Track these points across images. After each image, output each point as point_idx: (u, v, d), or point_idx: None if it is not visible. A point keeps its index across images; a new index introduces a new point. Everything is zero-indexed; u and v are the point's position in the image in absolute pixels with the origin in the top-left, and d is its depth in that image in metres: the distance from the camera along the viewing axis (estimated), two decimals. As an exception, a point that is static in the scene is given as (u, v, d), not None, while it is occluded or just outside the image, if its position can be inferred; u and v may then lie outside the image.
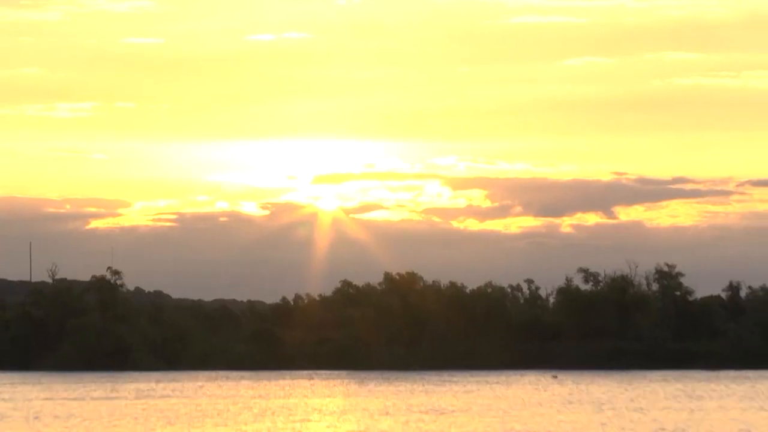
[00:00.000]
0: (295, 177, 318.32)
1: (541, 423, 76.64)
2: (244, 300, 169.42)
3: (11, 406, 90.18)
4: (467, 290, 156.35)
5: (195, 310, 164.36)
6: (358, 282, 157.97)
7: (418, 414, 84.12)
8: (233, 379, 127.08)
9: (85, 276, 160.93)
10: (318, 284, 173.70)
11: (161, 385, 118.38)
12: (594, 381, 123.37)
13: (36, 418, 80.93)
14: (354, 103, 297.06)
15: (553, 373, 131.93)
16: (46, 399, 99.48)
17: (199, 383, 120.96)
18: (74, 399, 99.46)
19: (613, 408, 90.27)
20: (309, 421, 79.26)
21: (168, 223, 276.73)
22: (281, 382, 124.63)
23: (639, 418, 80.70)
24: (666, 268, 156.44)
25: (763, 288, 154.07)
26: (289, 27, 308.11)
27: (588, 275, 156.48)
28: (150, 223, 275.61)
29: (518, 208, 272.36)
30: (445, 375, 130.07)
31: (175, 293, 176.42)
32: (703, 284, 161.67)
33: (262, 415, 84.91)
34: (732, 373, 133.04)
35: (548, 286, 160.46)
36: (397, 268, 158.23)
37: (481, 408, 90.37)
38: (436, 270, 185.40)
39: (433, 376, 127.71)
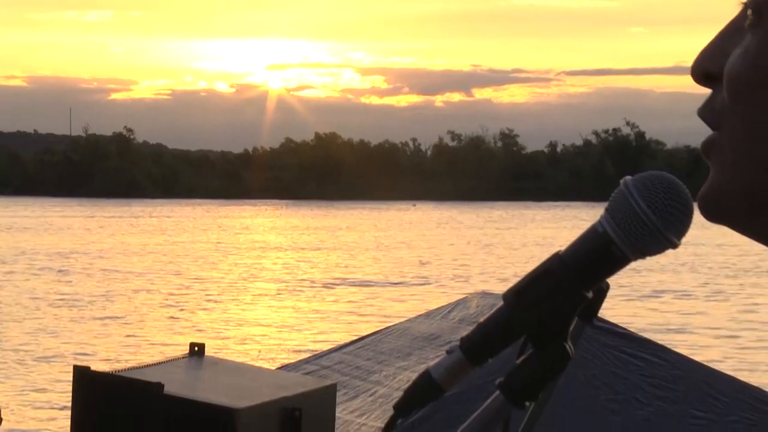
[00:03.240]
0: (253, 65, 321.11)
1: (406, 235, 78.80)
2: (218, 150, 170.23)
3: (44, 221, 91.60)
4: (371, 145, 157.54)
5: (184, 156, 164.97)
6: (297, 139, 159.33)
7: (315, 229, 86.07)
8: (207, 206, 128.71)
9: (108, 132, 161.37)
10: (269, 140, 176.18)
11: (155, 208, 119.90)
12: (439, 208, 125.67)
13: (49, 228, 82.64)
14: (295, 14, 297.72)
15: (413, 202, 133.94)
16: (64, 216, 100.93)
17: (179, 207, 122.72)
18: (87, 216, 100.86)
19: (449, 225, 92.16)
20: (238, 234, 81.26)
21: (165, 97, 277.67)
22: (237, 207, 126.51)
23: (464, 232, 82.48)
24: (507, 131, 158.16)
25: (573, 145, 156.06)
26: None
27: (454, 135, 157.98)
28: (153, 96, 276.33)
29: (406, 89, 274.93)
30: (352, 204, 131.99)
31: (171, 145, 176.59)
32: (532, 143, 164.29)
33: (209, 228, 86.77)
34: (549, 203, 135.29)
35: (426, 142, 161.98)
36: (323, 129, 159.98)
37: (358, 226, 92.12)
38: (350, 131, 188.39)
39: (343, 205, 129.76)
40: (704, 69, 1.31)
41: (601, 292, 1.89)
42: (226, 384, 4.50)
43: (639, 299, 40.85)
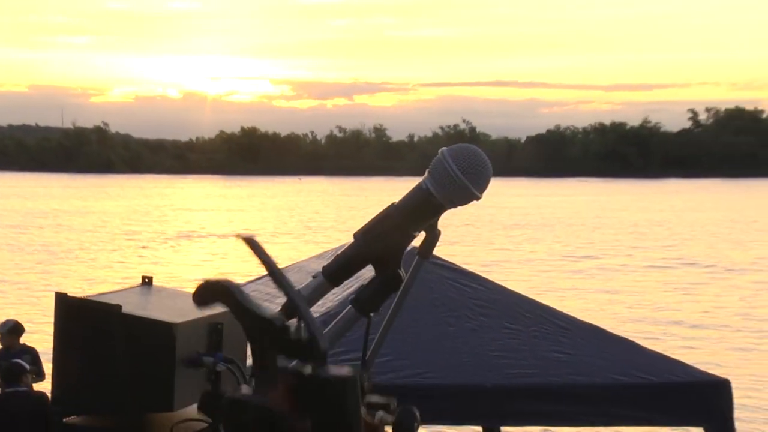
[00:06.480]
0: (196, 77, 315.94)
1: (296, 201, 78.58)
2: (171, 139, 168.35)
3: (44, 191, 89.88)
4: (281, 136, 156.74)
5: (145, 143, 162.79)
6: (227, 131, 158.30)
7: (239, 198, 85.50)
8: (162, 179, 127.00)
9: (90, 125, 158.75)
10: (207, 131, 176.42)
11: (121, 180, 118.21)
12: (323, 181, 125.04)
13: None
14: (227, 40, 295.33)
15: (299, 177, 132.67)
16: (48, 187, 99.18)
17: (142, 180, 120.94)
18: (61, 186, 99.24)
19: (330, 195, 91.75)
20: (185, 197, 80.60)
21: (131, 100, 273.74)
22: (184, 180, 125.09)
23: (339, 198, 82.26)
24: (378, 126, 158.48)
25: (425, 136, 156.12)
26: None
27: (341, 129, 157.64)
28: (122, 100, 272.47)
29: (306, 95, 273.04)
30: (268, 178, 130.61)
31: (135, 135, 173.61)
32: (396, 134, 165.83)
33: (161, 195, 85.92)
34: (407, 178, 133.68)
35: (321, 134, 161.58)
36: (247, 124, 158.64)
37: (262, 194, 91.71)
38: (265, 125, 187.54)
39: (261, 179, 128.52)
40: None
41: (435, 237, 1.88)
42: (168, 306, 4.46)
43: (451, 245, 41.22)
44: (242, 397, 0.93)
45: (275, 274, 0.87)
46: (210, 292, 0.89)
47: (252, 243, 0.90)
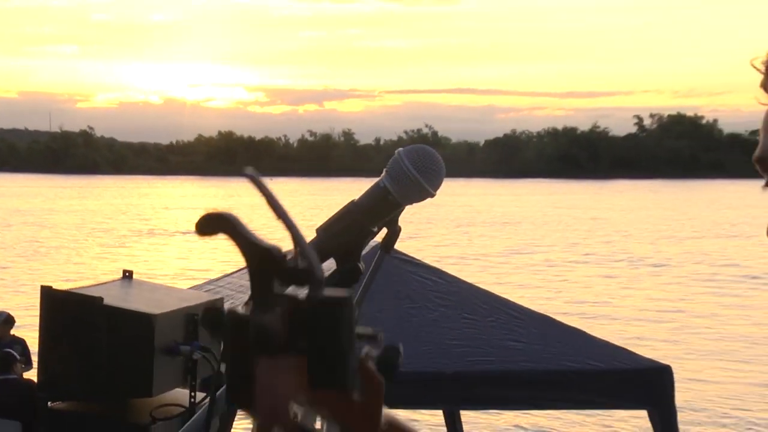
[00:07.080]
0: (176, 83, 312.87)
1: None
2: (152, 142, 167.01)
3: (33, 190, 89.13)
4: (256, 139, 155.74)
5: (129, 146, 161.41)
6: (206, 135, 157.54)
7: (236, 197, 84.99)
8: (144, 180, 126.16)
9: (76, 129, 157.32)
10: (186, 135, 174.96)
11: (105, 181, 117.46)
12: (293, 181, 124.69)
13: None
14: (205, 48, 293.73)
15: (270, 177, 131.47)
16: (40, 186, 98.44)
17: (125, 181, 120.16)
18: (51, 187, 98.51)
19: (299, 195, 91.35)
20: (172, 201, 79.97)
21: (115, 105, 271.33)
22: (165, 181, 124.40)
23: (306, 197, 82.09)
24: (347, 131, 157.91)
25: (390, 140, 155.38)
26: (187, 10, 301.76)
27: (312, 133, 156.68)
28: (106, 105, 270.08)
29: (279, 101, 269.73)
30: (243, 179, 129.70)
31: (120, 138, 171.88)
32: (364, 138, 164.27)
33: (144, 195, 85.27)
34: (373, 178, 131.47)
35: (293, 138, 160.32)
36: (224, 128, 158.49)
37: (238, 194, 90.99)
38: (241, 130, 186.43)
39: (236, 180, 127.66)
40: (757, 158, 1.12)
41: (396, 232, 1.86)
42: (147, 298, 4.41)
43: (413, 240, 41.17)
44: (243, 315, 0.97)
45: (276, 207, 0.90)
46: (211, 222, 0.92)
47: (254, 179, 0.93)
